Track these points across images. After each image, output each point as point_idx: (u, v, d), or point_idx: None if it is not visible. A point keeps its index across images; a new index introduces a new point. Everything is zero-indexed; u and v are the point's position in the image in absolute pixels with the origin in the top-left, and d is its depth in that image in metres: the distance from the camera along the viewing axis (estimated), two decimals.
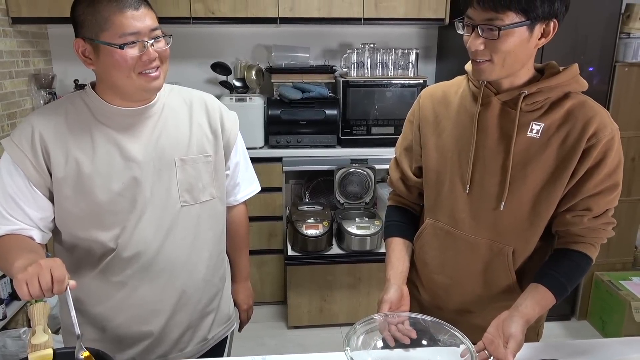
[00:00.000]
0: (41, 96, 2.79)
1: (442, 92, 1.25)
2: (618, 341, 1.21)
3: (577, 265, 1.12)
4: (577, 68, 1.11)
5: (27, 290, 0.91)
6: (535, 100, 1.08)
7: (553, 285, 1.09)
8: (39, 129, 1.10)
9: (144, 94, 1.13)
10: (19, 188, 1.09)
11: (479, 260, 1.20)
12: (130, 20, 1.03)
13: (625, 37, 2.63)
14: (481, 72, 1.06)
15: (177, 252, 1.21)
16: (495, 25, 0.98)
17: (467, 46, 1.05)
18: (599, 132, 1.06)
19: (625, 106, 2.66)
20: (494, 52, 1.02)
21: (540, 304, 1.08)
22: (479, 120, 1.13)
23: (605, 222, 1.13)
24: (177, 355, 1.28)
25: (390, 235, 1.32)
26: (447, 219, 1.22)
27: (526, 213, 1.13)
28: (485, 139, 1.14)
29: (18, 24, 2.62)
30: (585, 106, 1.09)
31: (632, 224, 2.86)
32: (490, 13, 0.98)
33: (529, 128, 1.10)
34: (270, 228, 2.92)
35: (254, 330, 2.83)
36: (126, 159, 1.13)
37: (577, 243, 1.13)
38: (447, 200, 1.21)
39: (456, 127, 1.18)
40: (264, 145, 2.87)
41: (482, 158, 1.15)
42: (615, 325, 2.72)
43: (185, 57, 3.04)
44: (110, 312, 1.20)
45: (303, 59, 3.00)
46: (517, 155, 1.11)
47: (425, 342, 1.08)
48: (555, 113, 1.09)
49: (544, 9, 0.99)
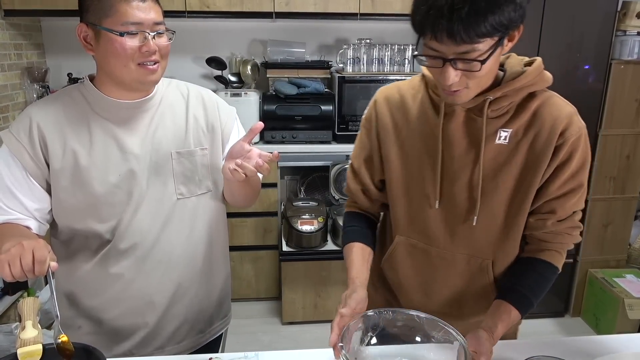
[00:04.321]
0: (34, 89, 2.76)
1: (399, 96, 1.15)
2: (611, 338, 1.21)
3: (542, 276, 1.08)
4: (541, 63, 1.04)
5: (9, 270, 0.91)
6: (501, 105, 1.02)
7: (515, 300, 1.06)
8: (37, 121, 1.11)
9: (140, 85, 1.13)
10: (16, 179, 1.10)
11: (458, 276, 1.16)
12: (134, 10, 1.04)
13: (621, 34, 2.63)
14: (456, 99, 0.99)
15: (173, 245, 1.21)
16: (473, 59, 0.89)
17: (438, 80, 0.96)
18: (566, 132, 1.01)
19: (621, 104, 2.66)
20: (471, 79, 0.94)
21: (503, 321, 1.04)
22: (443, 131, 1.07)
23: (570, 226, 1.08)
24: (173, 348, 1.28)
25: (351, 240, 1.20)
26: (419, 236, 1.16)
27: (501, 223, 1.09)
28: (452, 150, 1.07)
29: (11, 16, 2.59)
30: (552, 105, 1.03)
31: (626, 222, 2.86)
32: (465, 46, 0.87)
33: (497, 135, 1.04)
34: (265, 224, 2.91)
35: (248, 325, 2.83)
36: (123, 151, 1.14)
37: (542, 251, 1.09)
38: (418, 216, 1.15)
39: (419, 138, 1.11)
40: (259, 141, 2.86)
41: (451, 170, 1.09)
42: (608, 322, 2.73)
43: (180, 52, 3.02)
44: (107, 304, 1.20)
45: (299, 54, 2.99)
46: (487, 165, 1.05)
47: (419, 338, 1.08)
48: (522, 116, 1.03)
49: (516, 21, 0.89)
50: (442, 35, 0.86)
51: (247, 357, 1.09)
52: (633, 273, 2.83)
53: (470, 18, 0.83)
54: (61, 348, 0.95)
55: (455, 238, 1.13)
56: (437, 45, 0.89)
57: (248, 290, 3.02)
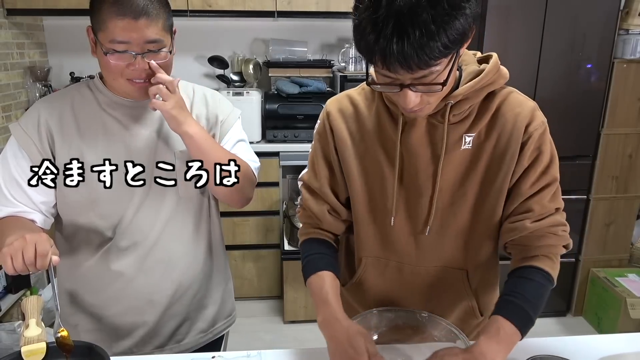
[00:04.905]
0: (37, 89, 2.76)
1: (352, 106, 1.07)
2: (613, 337, 1.20)
3: (534, 282, 0.97)
4: (497, 59, 0.97)
5: (12, 264, 0.92)
6: (462, 109, 0.95)
7: (505, 310, 0.95)
8: (46, 116, 1.13)
9: (132, 98, 1.14)
10: (24, 171, 1.11)
11: (434, 289, 1.10)
12: (122, 29, 1.01)
13: (624, 33, 2.62)
14: (418, 114, 0.93)
15: (175, 243, 1.22)
16: (433, 83, 0.83)
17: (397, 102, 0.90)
18: (530, 126, 0.96)
19: (623, 103, 2.66)
20: (432, 96, 0.88)
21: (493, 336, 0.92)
22: (404, 142, 1.00)
23: (552, 224, 0.99)
24: (174, 347, 1.28)
25: (319, 269, 1.06)
26: (388, 253, 1.10)
27: (468, 230, 1.04)
28: (416, 160, 1.01)
29: (13, 15, 2.60)
30: (513, 101, 0.98)
31: (628, 221, 2.86)
32: (421, 72, 0.81)
33: (462, 141, 0.98)
34: (267, 223, 2.91)
35: (250, 324, 2.83)
36: (128, 148, 1.15)
37: (531, 258, 0.99)
38: (383, 233, 1.08)
39: (380, 150, 1.03)
40: (261, 140, 2.86)
41: (414, 182, 1.02)
42: (610, 321, 2.73)
43: (182, 51, 2.99)
44: (107, 301, 1.21)
45: (301, 53, 2.99)
46: (453, 173, 1.00)
47: (421, 337, 1.08)
48: (484, 118, 0.98)
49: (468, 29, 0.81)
50: (393, 64, 0.79)
51: (249, 356, 1.09)
52: (635, 272, 2.83)
53: (422, 42, 0.75)
54: (60, 343, 0.95)
55: (423, 251, 1.08)
56: (390, 73, 0.82)
57: (250, 289, 3.02)
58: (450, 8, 0.76)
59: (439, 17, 0.75)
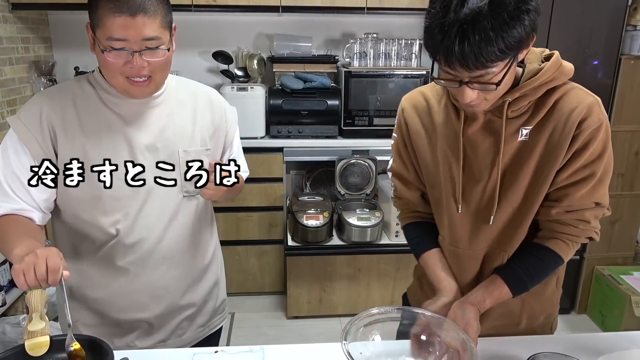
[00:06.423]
0: (41, 83, 2.77)
1: (425, 101, 1.18)
2: (617, 335, 1.20)
3: (541, 261, 1.10)
4: (558, 57, 1.03)
5: (24, 280, 0.92)
6: (520, 105, 1.03)
7: (510, 278, 1.09)
8: (47, 110, 1.11)
9: (131, 96, 1.13)
10: (25, 167, 1.10)
11: (476, 268, 1.18)
12: (120, 26, 1.00)
13: (631, 29, 2.60)
14: (475, 109, 1.02)
15: (178, 241, 1.22)
16: (489, 82, 0.92)
17: (456, 96, 1.00)
18: (584, 122, 1.01)
19: (630, 99, 2.63)
20: (489, 94, 0.96)
21: (492, 296, 1.09)
22: (466, 134, 1.09)
23: (577, 218, 1.07)
24: (175, 341, 1.30)
25: (424, 250, 1.23)
26: (449, 238, 1.19)
27: (518, 216, 1.10)
28: (475, 152, 1.09)
29: (18, 9, 2.60)
30: (571, 96, 1.04)
31: (634, 219, 2.84)
32: (478, 72, 0.90)
33: (519, 133, 1.05)
34: (271, 218, 2.91)
35: (253, 320, 2.84)
36: (131, 146, 1.15)
37: (549, 239, 1.10)
38: (447, 218, 1.17)
39: (446, 141, 1.13)
40: (265, 135, 2.86)
41: (473, 173, 1.10)
42: (615, 319, 2.72)
43: (186, 46, 3.01)
44: (110, 297, 1.21)
45: (305, 49, 2.98)
46: (509, 163, 1.07)
47: (424, 337, 1.08)
48: (541, 112, 1.04)
49: (527, 39, 0.91)
50: (454, 63, 0.89)
51: (252, 350, 1.10)
52: None
53: (480, 46, 0.85)
54: (73, 356, 0.96)
55: (477, 237, 1.14)
56: (451, 69, 0.92)
57: (253, 285, 3.03)
58: (510, 18, 0.85)
59: (498, 25, 0.85)
